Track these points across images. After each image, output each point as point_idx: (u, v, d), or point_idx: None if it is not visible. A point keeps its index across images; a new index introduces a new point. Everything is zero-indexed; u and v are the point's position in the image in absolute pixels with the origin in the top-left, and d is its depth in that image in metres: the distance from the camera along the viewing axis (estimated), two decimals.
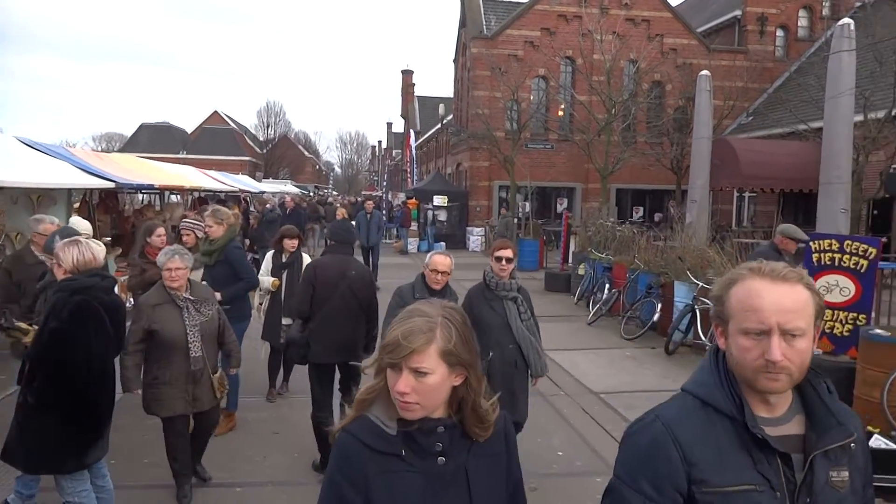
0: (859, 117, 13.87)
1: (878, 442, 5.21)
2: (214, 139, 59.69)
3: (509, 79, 23.78)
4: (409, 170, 34.78)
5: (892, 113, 15.11)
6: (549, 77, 25.89)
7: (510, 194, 23.68)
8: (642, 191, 26.81)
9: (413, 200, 25.88)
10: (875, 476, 4.85)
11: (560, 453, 5.58)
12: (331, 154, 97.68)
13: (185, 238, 6.32)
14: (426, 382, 1.52)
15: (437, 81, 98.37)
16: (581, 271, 13.31)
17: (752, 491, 1.42)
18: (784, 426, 1.50)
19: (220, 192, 19.77)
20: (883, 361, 6.02)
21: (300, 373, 6.91)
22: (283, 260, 6.69)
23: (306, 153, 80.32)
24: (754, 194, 23.62)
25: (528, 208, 22.45)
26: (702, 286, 8.70)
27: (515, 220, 21.50)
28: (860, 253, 7.14)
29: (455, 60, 31.60)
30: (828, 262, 7.37)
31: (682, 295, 9.47)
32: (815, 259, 7.32)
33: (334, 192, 72.92)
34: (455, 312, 1.61)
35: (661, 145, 23.22)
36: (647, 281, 10.33)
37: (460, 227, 26.03)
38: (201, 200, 18.13)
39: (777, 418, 1.50)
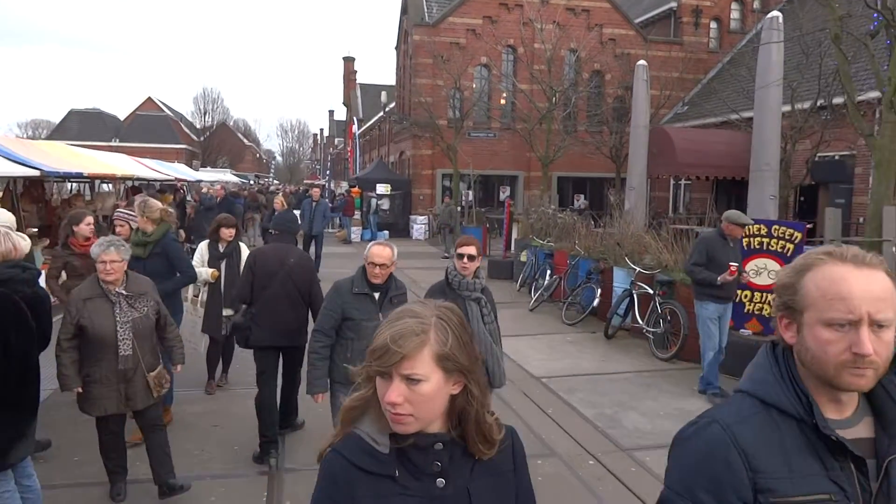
0: (787, 108, 14.41)
1: None
2: (148, 126, 57.72)
3: (451, 67, 23.78)
4: (351, 158, 34.42)
5: (818, 103, 15.78)
6: (491, 66, 26.00)
7: (453, 182, 23.73)
8: (583, 179, 27.25)
9: (356, 189, 25.66)
10: None
11: None
12: (272, 142, 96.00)
13: (118, 229, 6.06)
14: (420, 391, 1.34)
15: (380, 69, 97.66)
16: (523, 258, 13.46)
17: (826, 501, 1.26)
18: (853, 429, 1.33)
19: (155, 180, 19.16)
20: None
21: (240, 364, 6.79)
22: (221, 250, 6.53)
23: (246, 141, 78.57)
24: (689, 182, 24.31)
25: (471, 196, 22.54)
26: (639, 271, 8.92)
27: (458, 209, 21.58)
28: (787, 237, 7.45)
29: (397, 48, 31.38)
30: (757, 247, 7.67)
31: (620, 280, 9.69)
32: (745, 243, 7.61)
33: (275, 182, 71.65)
34: (451, 313, 1.44)
35: (601, 134, 23.65)
36: (587, 267, 10.52)
37: (403, 216, 25.96)
38: (134, 189, 17.51)
39: (846, 420, 1.34)
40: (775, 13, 11.10)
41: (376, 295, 4.15)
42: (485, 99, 25.79)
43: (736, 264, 6.45)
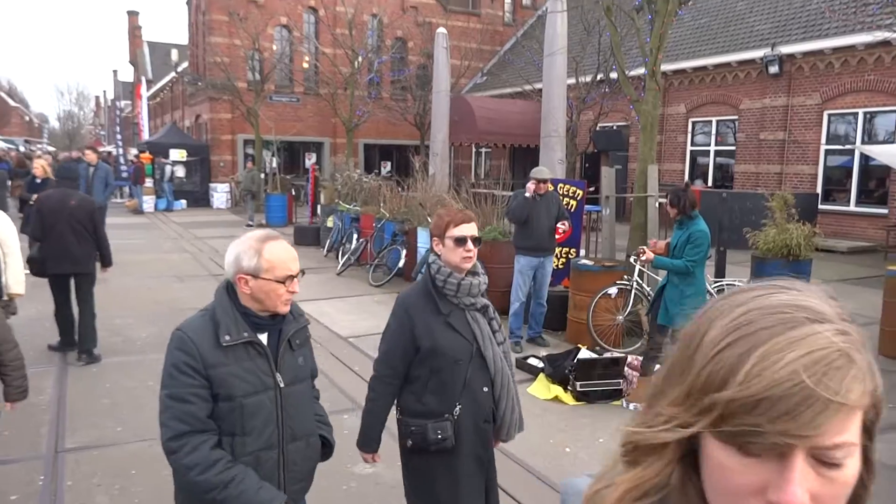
0: (572, 80, 15.61)
1: (584, 354, 6.06)
2: None
3: (249, 26, 22.65)
4: (140, 122, 31.60)
5: (598, 77, 17.29)
6: (291, 27, 25.13)
7: (256, 148, 22.80)
8: (389, 146, 27.52)
9: (147, 155, 23.64)
10: (588, 382, 5.59)
11: None
12: (45, 104, 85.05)
13: None
14: (840, 479, 0.65)
15: (169, 25, 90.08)
16: (330, 224, 13.38)
17: None
18: None
19: None
20: (588, 287, 6.98)
21: None
22: None
23: (11, 102, 69.04)
24: (489, 150, 25.58)
25: (275, 163, 21.83)
26: None
27: (262, 176, 20.81)
28: (570, 194, 8.13)
29: (188, 2, 29.14)
30: None
31: (424, 240, 9.97)
32: None
33: (49, 148, 63.82)
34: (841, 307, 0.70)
35: (406, 101, 23.97)
36: (392, 229, 10.70)
37: (203, 184, 24.48)
38: None
39: None
40: None
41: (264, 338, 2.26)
42: (286, 61, 24.92)
43: (564, 224, 7.01)
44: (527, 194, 6.97)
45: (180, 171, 24.00)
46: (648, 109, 8.28)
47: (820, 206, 14.81)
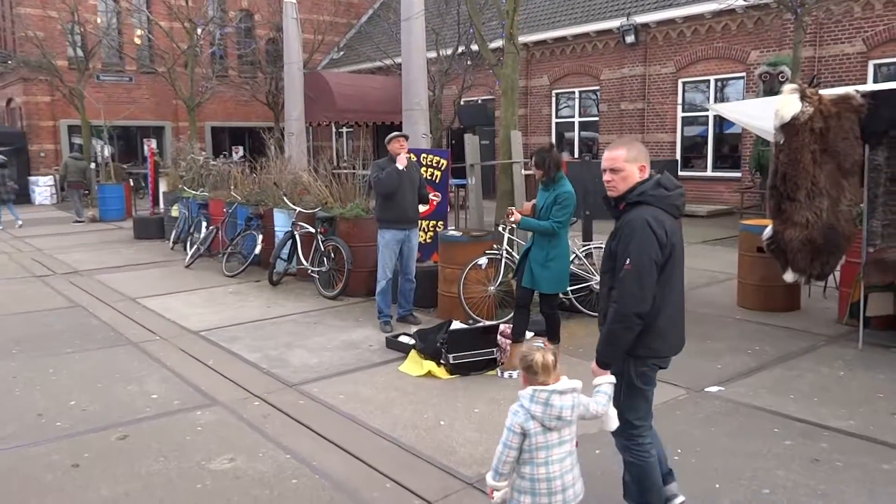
0: (433, 54, 15.75)
1: (456, 325, 6.12)
2: None
3: None
4: None
5: (459, 49, 17.56)
6: None
7: (84, 136, 21.21)
8: (241, 129, 26.62)
9: None
10: (461, 353, 5.66)
11: (154, 396, 5.31)
12: None
13: None
14: None
15: None
16: (175, 213, 12.74)
17: None
18: None
19: None
20: (458, 259, 7.06)
21: None
22: None
23: None
24: (351, 129, 25.32)
25: (107, 151, 20.44)
26: (300, 210, 9.02)
27: (93, 165, 19.41)
28: (434, 164, 8.19)
29: None
30: None
31: (281, 223, 9.71)
32: None
33: None
34: None
35: (256, 79, 23.20)
36: (245, 213, 10.33)
37: (21, 178, 22.40)
38: None
39: None
40: None
41: None
42: (114, 35, 23.29)
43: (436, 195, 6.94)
44: (399, 165, 6.91)
45: None
46: (508, 73, 8.48)
47: (679, 173, 15.99)
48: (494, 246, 7.06)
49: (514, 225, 5.84)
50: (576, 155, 18.88)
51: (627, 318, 2.93)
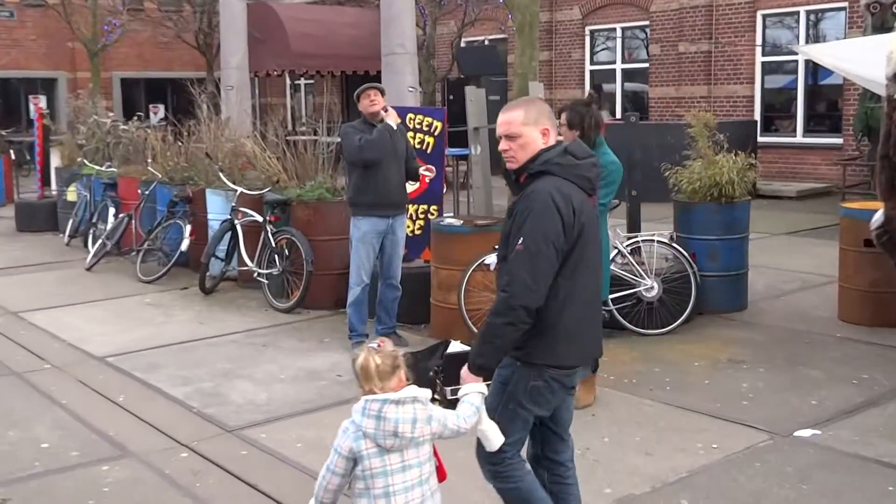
0: None
1: (454, 348, 6.10)
2: None
3: None
4: None
5: None
6: None
7: None
8: (162, 81, 26.75)
9: None
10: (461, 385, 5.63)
11: (45, 446, 5.32)
12: None
13: None
14: None
15: None
16: (72, 196, 12.78)
17: None
18: None
19: None
20: (458, 257, 7.03)
21: None
22: None
23: None
24: (311, 81, 25.31)
25: None
26: (242, 192, 9.01)
27: None
28: (426, 128, 8.18)
29: None
30: None
31: (217, 208, 9.71)
32: None
33: None
34: None
35: (181, 13, 23.26)
36: (168, 196, 10.34)
37: None
38: None
39: None
40: None
41: None
42: None
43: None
44: (389, 121, 6.83)
45: None
46: (525, 2, 8.43)
47: (759, 139, 15.98)
48: None
49: None
50: (618, 115, 18.89)
51: (513, 311, 3.06)
